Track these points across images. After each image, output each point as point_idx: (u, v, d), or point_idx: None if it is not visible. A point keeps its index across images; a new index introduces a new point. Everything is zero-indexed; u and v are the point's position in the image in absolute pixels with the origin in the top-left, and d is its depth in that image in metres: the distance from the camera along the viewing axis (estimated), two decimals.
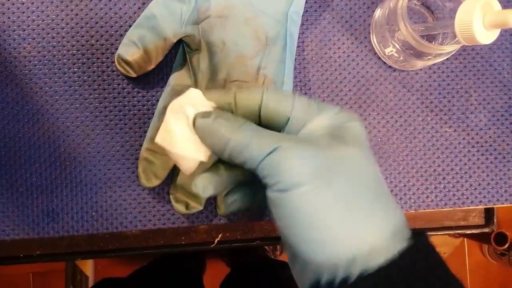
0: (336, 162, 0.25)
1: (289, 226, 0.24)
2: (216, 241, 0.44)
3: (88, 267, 1.20)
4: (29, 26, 0.40)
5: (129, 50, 0.38)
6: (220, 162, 0.29)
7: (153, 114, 0.41)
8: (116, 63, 0.39)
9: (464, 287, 0.24)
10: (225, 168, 0.28)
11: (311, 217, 0.24)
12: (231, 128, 0.27)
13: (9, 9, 0.40)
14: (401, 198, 0.42)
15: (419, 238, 0.24)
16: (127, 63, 0.38)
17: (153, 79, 0.41)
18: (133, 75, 0.39)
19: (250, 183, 0.29)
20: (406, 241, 0.24)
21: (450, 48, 0.36)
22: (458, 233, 0.47)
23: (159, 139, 0.31)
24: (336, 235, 0.23)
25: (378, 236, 0.24)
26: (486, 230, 0.46)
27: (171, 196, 0.39)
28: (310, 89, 0.42)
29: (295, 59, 0.42)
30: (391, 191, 0.42)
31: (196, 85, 0.40)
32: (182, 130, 0.30)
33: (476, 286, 1.29)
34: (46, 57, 0.40)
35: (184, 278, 0.80)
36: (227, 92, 0.30)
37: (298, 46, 0.42)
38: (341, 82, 0.42)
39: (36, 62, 0.40)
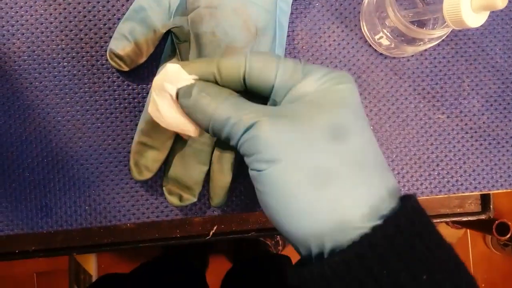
0: (311, 137, 0.24)
1: (269, 203, 0.24)
2: (211, 233, 0.44)
3: (91, 266, 1.20)
4: (17, 21, 0.40)
5: (120, 44, 0.38)
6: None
7: (143, 107, 0.41)
8: (108, 58, 0.39)
9: (453, 248, 0.24)
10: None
11: (286, 192, 0.23)
12: (213, 103, 0.26)
13: None
14: None
15: (406, 203, 0.24)
16: (119, 57, 0.38)
17: (143, 71, 0.41)
18: (126, 69, 0.39)
19: None
20: (391, 210, 0.23)
21: (440, 33, 0.36)
22: (455, 221, 0.47)
23: (151, 112, 0.31)
24: (311, 209, 0.23)
25: (357, 209, 0.23)
26: (482, 217, 0.46)
27: (164, 189, 0.39)
28: None
29: (285, 49, 0.42)
30: None
31: None
32: (167, 108, 0.29)
33: (480, 277, 1.28)
34: (36, 52, 0.40)
35: (186, 275, 0.80)
36: (209, 62, 0.28)
37: (288, 36, 0.42)
38: None
39: (26, 57, 0.40)
